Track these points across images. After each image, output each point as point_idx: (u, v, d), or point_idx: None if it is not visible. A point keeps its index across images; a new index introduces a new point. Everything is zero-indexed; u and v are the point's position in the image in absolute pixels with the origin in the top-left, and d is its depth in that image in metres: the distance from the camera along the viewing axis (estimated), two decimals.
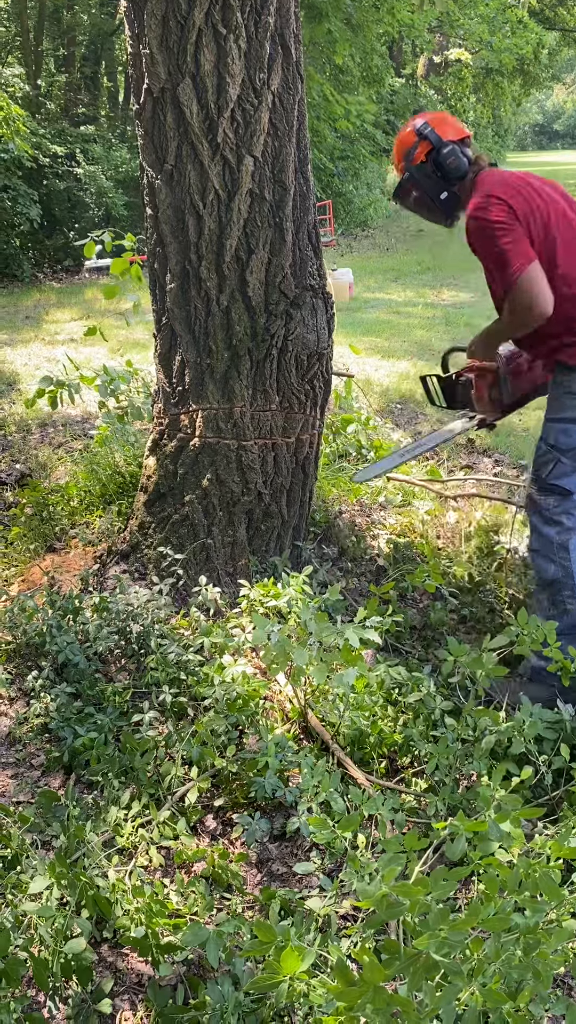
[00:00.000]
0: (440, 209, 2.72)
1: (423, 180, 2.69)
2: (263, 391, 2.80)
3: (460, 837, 1.39)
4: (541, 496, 2.60)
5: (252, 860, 2.10)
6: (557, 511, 2.57)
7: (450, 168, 2.64)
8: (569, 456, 2.54)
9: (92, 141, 14.58)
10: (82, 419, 5.47)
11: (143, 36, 2.54)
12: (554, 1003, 1.42)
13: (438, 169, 2.66)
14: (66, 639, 2.59)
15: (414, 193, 2.72)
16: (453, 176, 2.65)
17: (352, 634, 2.00)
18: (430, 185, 2.69)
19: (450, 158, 2.64)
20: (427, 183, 2.70)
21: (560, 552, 2.56)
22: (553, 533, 2.57)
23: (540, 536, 2.60)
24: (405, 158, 2.71)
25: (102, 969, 1.83)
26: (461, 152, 2.66)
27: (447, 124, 2.73)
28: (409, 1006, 1.07)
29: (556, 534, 2.56)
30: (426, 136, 2.66)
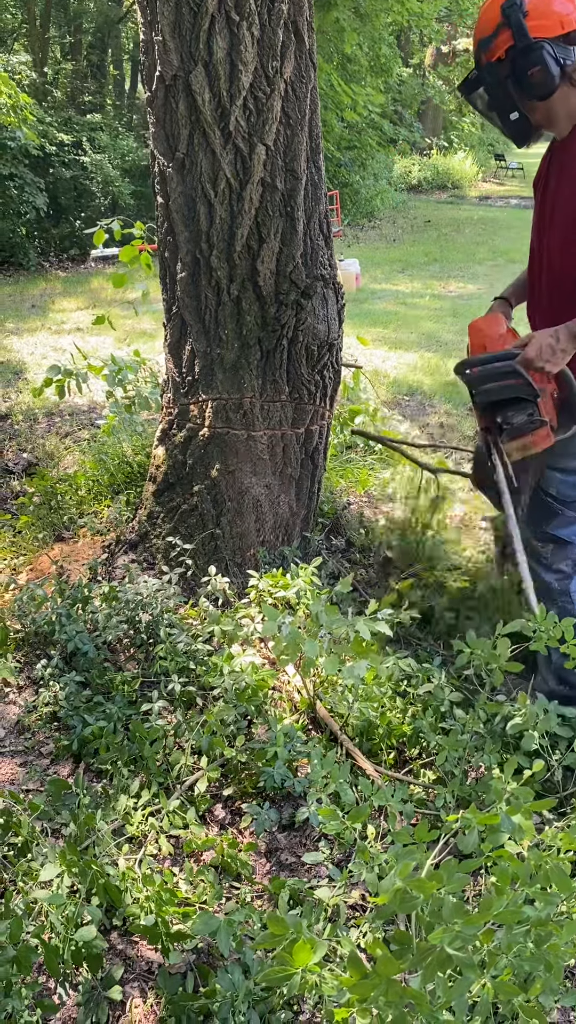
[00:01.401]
0: (508, 129, 2.16)
1: (494, 87, 2.07)
2: (273, 381, 2.79)
3: (472, 830, 1.39)
4: (539, 544, 2.38)
5: (261, 849, 2.10)
6: (556, 559, 2.38)
7: (532, 81, 1.98)
8: (572, 507, 2.30)
9: (99, 129, 14.53)
10: (89, 408, 5.47)
11: (155, 23, 2.52)
12: (564, 994, 1.43)
13: (516, 79, 2.02)
14: (75, 628, 2.59)
15: (484, 96, 2.13)
16: (534, 93, 2.01)
17: (363, 627, 2.00)
18: (500, 97, 2.08)
19: (534, 66, 1.96)
20: (498, 93, 2.07)
21: (562, 597, 2.41)
22: (552, 579, 2.40)
23: (540, 581, 2.39)
24: (479, 47, 2.06)
25: (112, 957, 1.84)
26: (557, 59, 1.96)
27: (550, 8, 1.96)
28: (422, 999, 1.07)
29: (555, 581, 2.40)
30: (511, 24, 1.96)
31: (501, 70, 2.04)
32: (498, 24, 2.00)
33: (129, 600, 2.68)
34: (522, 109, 2.08)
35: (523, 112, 2.08)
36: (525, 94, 2.04)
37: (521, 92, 2.05)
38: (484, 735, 2.19)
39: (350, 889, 1.95)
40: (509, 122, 2.13)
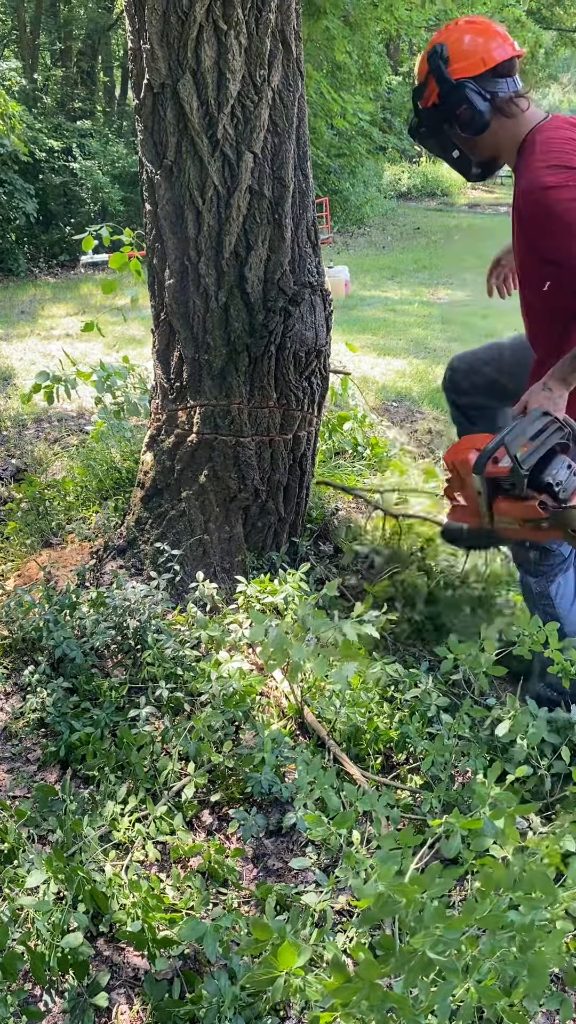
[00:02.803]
0: (454, 166, 2.26)
1: (433, 129, 2.17)
2: (261, 388, 2.80)
3: (455, 834, 1.40)
4: (522, 550, 2.43)
5: (248, 855, 2.10)
6: (542, 566, 2.41)
7: (463, 120, 2.07)
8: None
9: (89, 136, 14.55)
10: (78, 415, 5.46)
11: (144, 31, 2.54)
12: (548, 998, 1.43)
13: (447, 120, 2.11)
14: (63, 634, 2.59)
15: (431, 142, 2.23)
16: (469, 130, 2.09)
17: (350, 629, 2.01)
18: (441, 138, 2.17)
19: (460, 106, 2.05)
20: (437, 134, 2.17)
21: (542, 600, 2.44)
22: (532, 583, 2.45)
23: (523, 584, 2.50)
24: (415, 96, 2.19)
25: (98, 963, 1.83)
26: (483, 94, 2.04)
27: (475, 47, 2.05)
28: (404, 1003, 1.08)
29: (535, 584, 2.44)
30: (434, 71, 2.06)
31: (436, 114, 2.15)
32: (427, 73, 2.12)
33: (117, 606, 2.68)
34: (462, 148, 2.18)
35: (463, 150, 2.18)
36: (461, 132, 2.14)
37: (457, 131, 2.14)
38: (470, 740, 2.19)
39: (337, 894, 1.95)
40: (453, 160, 2.24)
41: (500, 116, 2.10)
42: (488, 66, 2.06)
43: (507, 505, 2.05)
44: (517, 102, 2.10)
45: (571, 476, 2.00)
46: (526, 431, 1.98)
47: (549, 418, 2.00)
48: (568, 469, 2.00)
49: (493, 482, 2.04)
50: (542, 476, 1.98)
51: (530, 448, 1.96)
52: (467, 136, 2.15)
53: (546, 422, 2.00)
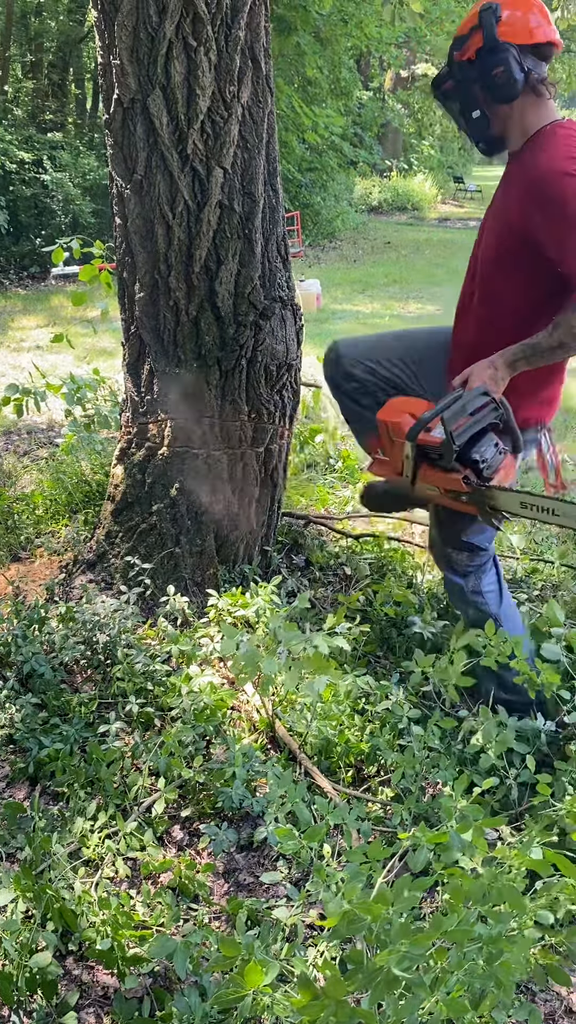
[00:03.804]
0: (469, 127, 2.21)
1: (462, 83, 2.13)
2: (232, 401, 2.81)
3: (422, 847, 1.41)
4: (454, 552, 2.43)
5: (219, 870, 2.09)
6: (470, 566, 2.45)
7: (496, 82, 2.05)
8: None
9: (60, 148, 14.50)
10: (47, 427, 5.44)
11: (113, 46, 2.54)
12: (517, 1008, 1.44)
13: (481, 77, 2.08)
14: (31, 649, 2.57)
15: (453, 96, 2.20)
16: (497, 95, 2.08)
17: (321, 642, 2.01)
18: (465, 93, 2.14)
19: (498, 67, 2.03)
20: (464, 89, 2.14)
21: (474, 596, 2.47)
22: (462, 582, 2.47)
23: (452, 585, 2.51)
24: (454, 45, 2.14)
25: (67, 982, 1.81)
26: (522, 65, 2.03)
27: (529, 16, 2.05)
28: (372, 1019, 1.08)
29: (465, 582, 2.47)
30: (483, 25, 2.03)
31: (470, 69, 2.10)
32: (472, 26, 2.08)
33: (86, 621, 2.66)
34: (485, 109, 2.14)
35: (484, 112, 2.14)
36: (489, 95, 2.10)
37: (486, 92, 2.11)
38: (440, 752, 2.20)
39: (308, 908, 1.95)
40: (471, 119, 2.19)
41: (529, 93, 2.09)
42: (535, 39, 2.06)
43: (432, 474, 2.13)
44: (547, 86, 2.11)
45: (497, 455, 2.09)
46: (465, 408, 2.04)
47: (488, 398, 2.07)
48: (495, 448, 2.09)
49: (422, 449, 2.13)
50: (471, 452, 2.06)
51: (465, 424, 2.04)
52: (493, 100, 2.12)
53: (485, 401, 2.07)
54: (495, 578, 2.51)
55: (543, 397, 2.32)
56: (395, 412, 2.27)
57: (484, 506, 2.10)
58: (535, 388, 2.28)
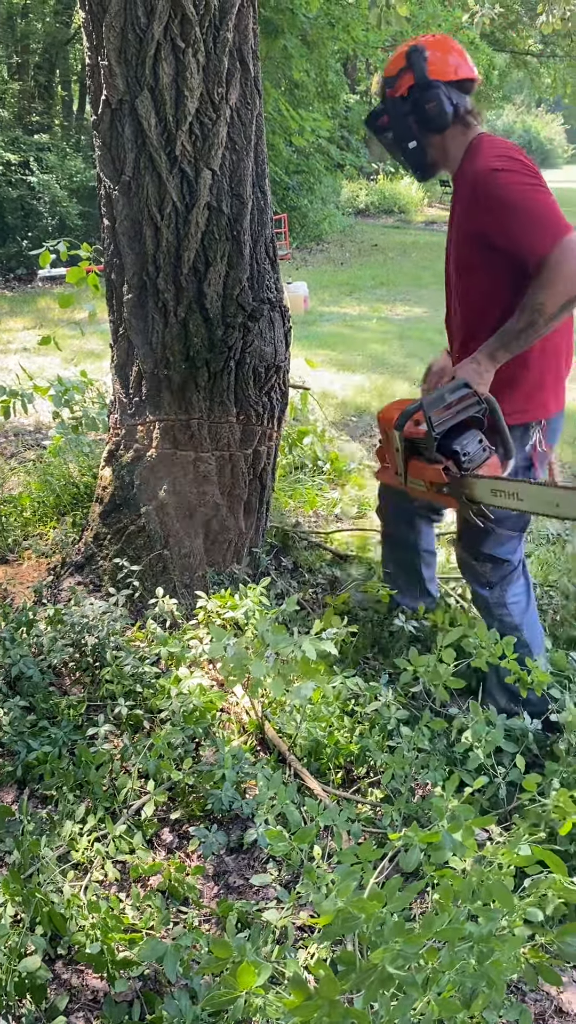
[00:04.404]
0: (407, 157, 2.40)
1: (397, 118, 2.32)
2: (220, 403, 2.81)
3: (414, 848, 1.41)
4: (477, 563, 2.45)
5: (209, 873, 2.09)
6: (494, 576, 2.45)
7: (429, 115, 2.25)
8: (504, 525, 2.34)
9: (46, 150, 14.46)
10: (35, 429, 5.41)
11: (101, 48, 2.54)
12: (508, 1008, 1.44)
13: (415, 111, 2.28)
14: (20, 652, 2.56)
15: (388, 131, 2.38)
16: (431, 126, 2.27)
17: (309, 646, 2.01)
18: (402, 128, 2.33)
19: (430, 102, 2.24)
20: (399, 123, 2.33)
21: (498, 609, 2.48)
22: (487, 593, 2.47)
23: (478, 597, 2.51)
24: (386, 83, 2.34)
25: (56, 987, 1.80)
26: (450, 98, 2.24)
27: (448, 57, 2.27)
28: (365, 1019, 1.08)
29: (489, 595, 2.47)
30: (413, 66, 2.25)
31: (404, 105, 2.31)
32: (401, 67, 2.30)
33: (75, 623, 2.65)
34: (420, 140, 2.34)
35: (420, 143, 2.34)
36: (423, 127, 2.31)
37: (419, 125, 2.31)
38: (430, 752, 2.21)
39: (298, 910, 1.94)
40: (408, 151, 2.38)
41: (458, 124, 2.29)
42: (458, 76, 2.28)
43: (419, 467, 2.20)
44: (474, 115, 2.32)
45: (481, 452, 2.13)
46: (444, 398, 2.10)
47: (469, 391, 2.12)
48: (479, 444, 2.13)
49: (410, 442, 2.20)
50: (451, 443, 2.11)
51: (445, 415, 2.09)
52: (426, 132, 2.31)
53: (465, 393, 2.12)
54: (523, 588, 2.50)
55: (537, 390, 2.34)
56: (389, 410, 2.36)
57: (461, 497, 2.13)
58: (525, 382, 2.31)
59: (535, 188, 2.12)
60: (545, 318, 2.09)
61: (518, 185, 2.12)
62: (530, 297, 2.08)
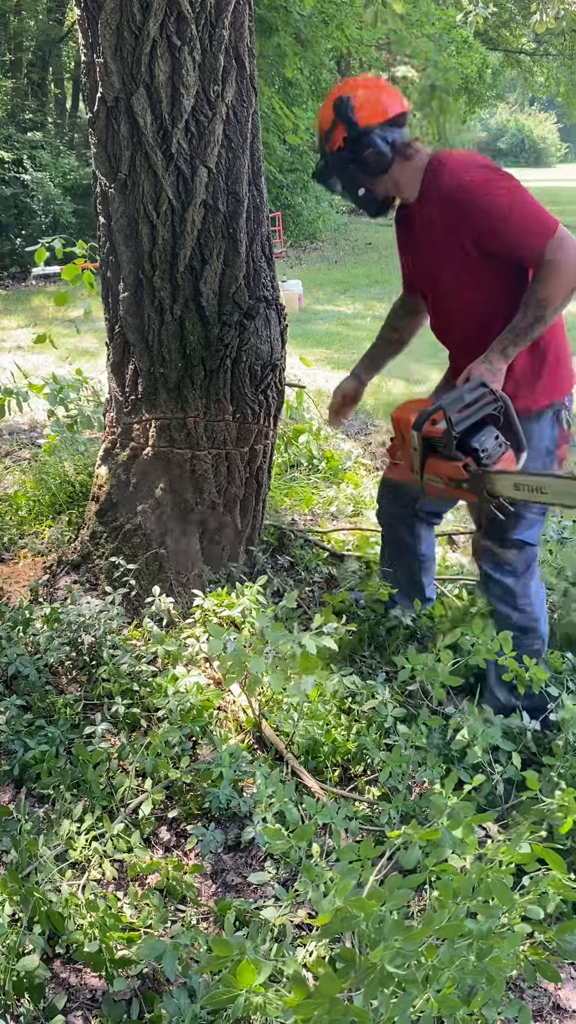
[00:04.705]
0: (359, 203, 2.48)
1: (341, 170, 2.39)
2: (217, 401, 2.80)
3: (414, 845, 1.41)
4: (503, 551, 2.46)
5: (206, 871, 2.09)
6: (520, 563, 2.47)
7: (369, 162, 2.32)
8: (533, 509, 2.37)
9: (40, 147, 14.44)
10: (29, 428, 5.40)
11: (97, 45, 2.53)
12: (507, 1006, 1.44)
13: (355, 161, 2.34)
14: (16, 651, 2.55)
15: (336, 182, 2.45)
16: (373, 171, 2.34)
17: (309, 642, 2.01)
18: (347, 178, 2.40)
19: (367, 150, 2.30)
20: (344, 175, 2.39)
21: (522, 600, 2.49)
22: (512, 582, 2.48)
23: (500, 585, 2.50)
24: (322, 140, 2.40)
25: (55, 986, 1.80)
26: (385, 139, 2.30)
27: (374, 100, 2.32)
28: (365, 1017, 1.08)
29: (515, 583, 2.48)
30: (343, 119, 2.30)
31: (343, 157, 2.36)
32: (333, 120, 2.33)
33: (71, 622, 2.65)
34: (368, 185, 2.40)
35: (368, 188, 2.40)
36: (366, 173, 2.36)
37: (362, 172, 2.37)
38: (427, 750, 2.21)
39: (296, 908, 1.94)
40: (359, 198, 2.45)
41: (400, 158, 2.34)
42: (388, 116, 2.32)
43: (437, 464, 2.25)
44: (413, 145, 2.35)
45: (497, 447, 2.18)
46: (463, 397, 2.15)
47: (486, 390, 2.17)
48: (496, 440, 2.18)
49: (428, 441, 2.25)
50: (471, 441, 2.16)
51: (464, 414, 2.14)
52: (371, 176, 2.37)
53: (483, 392, 2.17)
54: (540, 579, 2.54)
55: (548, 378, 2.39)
56: (405, 410, 2.40)
57: (482, 492, 2.17)
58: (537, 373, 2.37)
59: (516, 190, 2.19)
60: (552, 310, 2.16)
61: (499, 191, 2.19)
62: (534, 293, 2.16)
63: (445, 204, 2.26)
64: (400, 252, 2.69)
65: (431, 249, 2.39)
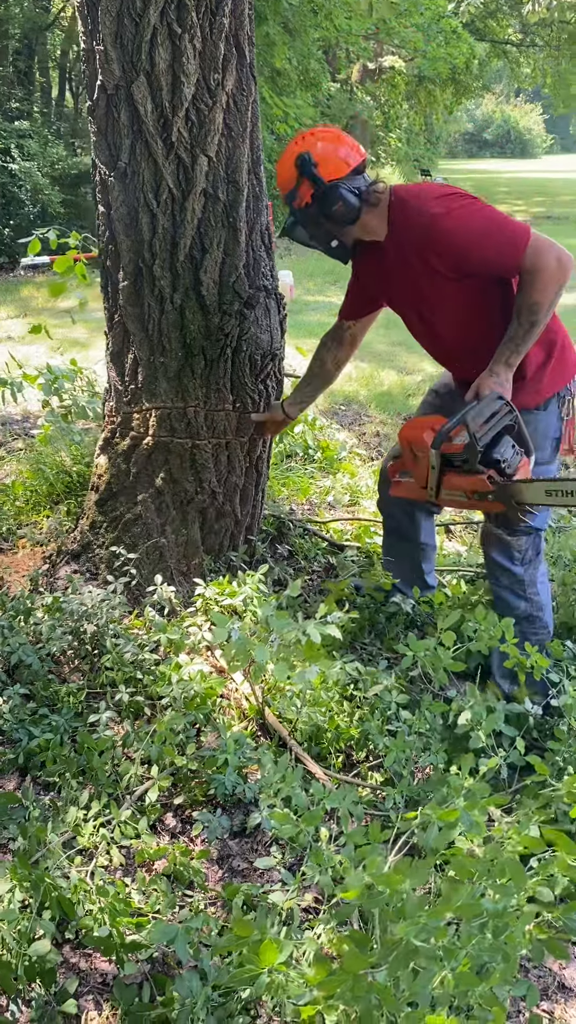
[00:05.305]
0: (332, 254, 2.53)
1: (310, 225, 2.45)
2: (217, 390, 2.81)
3: (433, 825, 1.43)
4: (513, 539, 2.48)
5: (213, 857, 2.10)
6: (529, 550, 2.50)
7: (338, 215, 2.37)
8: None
9: (27, 137, 14.31)
10: (22, 419, 5.38)
11: (96, 32, 2.52)
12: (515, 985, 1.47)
13: (325, 216, 2.39)
14: (18, 640, 2.55)
15: (307, 236, 2.51)
16: (343, 222, 2.39)
17: (313, 630, 2.02)
18: (318, 232, 2.46)
19: (336, 204, 2.35)
20: (315, 229, 2.46)
21: (530, 588, 2.52)
22: (522, 571, 2.51)
23: (509, 574, 2.52)
24: (288, 198, 2.43)
25: (65, 970, 1.81)
26: (352, 191, 2.35)
27: (336, 151, 2.36)
28: (388, 993, 1.09)
29: (524, 571, 2.51)
30: (307, 176, 2.35)
31: (311, 213, 2.41)
32: (297, 178, 2.37)
33: (73, 611, 2.65)
34: (339, 236, 2.45)
35: (340, 239, 2.46)
36: (337, 225, 2.41)
37: (332, 224, 2.42)
38: (430, 735, 2.23)
39: (303, 892, 1.96)
40: (331, 249, 2.50)
41: (367, 206, 2.38)
42: (351, 167, 2.36)
43: (458, 479, 2.25)
44: (376, 190, 2.37)
45: (515, 455, 2.20)
46: (483, 412, 2.16)
47: (502, 402, 2.19)
48: (512, 448, 2.20)
49: (446, 458, 2.25)
50: (492, 453, 2.17)
51: (485, 428, 2.15)
52: (341, 227, 2.42)
53: (500, 405, 2.18)
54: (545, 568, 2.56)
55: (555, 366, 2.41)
56: (416, 429, 2.38)
57: (510, 502, 2.19)
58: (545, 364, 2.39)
59: (480, 210, 2.24)
60: (543, 313, 2.19)
61: (464, 217, 2.23)
62: (523, 300, 2.19)
63: (415, 243, 2.30)
64: (358, 278, 2.66)
65: (409, 273, 2.40)
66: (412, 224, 2.31)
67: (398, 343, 7.42)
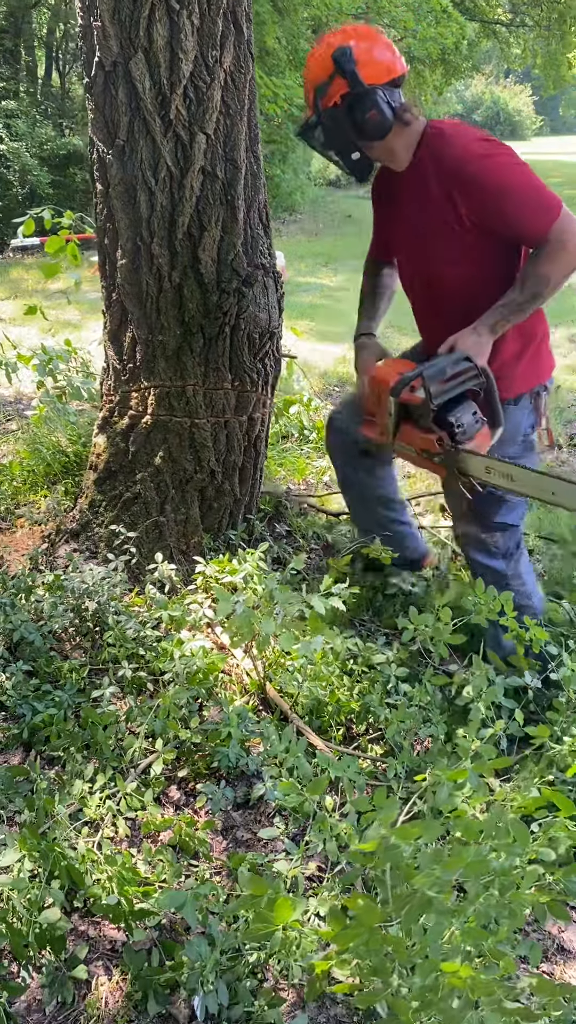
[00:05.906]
0: (348, 168, 2.31)
1: (333, 129, 2.21)
2: (216, 369, 2.82)
3: (443, 785, 1.46)
4: (487, 535, 2.43)
5: (217, 828, 2.14)
6: (506, 545, 2.46)
7: (369, 124, 2.14)
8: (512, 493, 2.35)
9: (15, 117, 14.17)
10: (15, 400, 5.37)
11: (94, 8, 2.51)
12: (519, 945, 1.51)
13: (353, 122, 2.16)
14: (20, 617, 2.57)
15: (322, 138, 2.26)
16: (372, 135, 2.18)
17: (317, 603, 2.05)
18: (340, 139, 2.22)
19: (371, 111, 2.12)
20: (338, 135, 2.22)
21: (514, 580, 2.48)
22: (503, 565, 2.47)
23: (492, 571, 2.47)
24: (315, 93, 2.18)
25: (75, 938, 1.85)
26: (388, 101, 2.13)
27: (378, 56, 2.13)
28: (401, 944, 1.13)
29: (505, 565, 2.48)
30: (345, 72, 2.10)
31: (338, 115, 2.18)
32: (332, 72, 2.13)
33: (74, 588, 2.67)
34: (363, 149, 2.25)
35: (363, 152, 2.25)
36: (363, 136, 2.20)
37: (359, 134, 2.20)
38: (429, 708, 2.26)
39: (306, 861, 2.00)
40: (351, 161, 2.28)
41: (399, 124, 2.20)
42: (392, 76, 2.16)
43: (411, 432, 2.20)
44: (411, 111, 2.21)
45: (474, 423, 2.13)
46: (445, 370, 2.10)
47: (469, 364, 2.12)
48: (473, 416, 2.14)
49: (404, 407, 2.20)
50: (447, 415, 2.11)
51: (444, 387, 2.09)
52: (367, 140, 2.22)
53: (466, 367, 2.12)
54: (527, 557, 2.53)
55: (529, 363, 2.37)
56: (386, 371, 2.34)
57: (453, 469, 2.15)
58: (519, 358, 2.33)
59: (519, 166, 2.11)
60: (549, 289, 2.12)
61: (503, 167, 2.09)
62: (534, 269, 2.11)
63: (444, 176, 2.15)
64: (377, 216, 2.58)
65: (419, 220, 2.28)
66: (447, 155, 2.14)
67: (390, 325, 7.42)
